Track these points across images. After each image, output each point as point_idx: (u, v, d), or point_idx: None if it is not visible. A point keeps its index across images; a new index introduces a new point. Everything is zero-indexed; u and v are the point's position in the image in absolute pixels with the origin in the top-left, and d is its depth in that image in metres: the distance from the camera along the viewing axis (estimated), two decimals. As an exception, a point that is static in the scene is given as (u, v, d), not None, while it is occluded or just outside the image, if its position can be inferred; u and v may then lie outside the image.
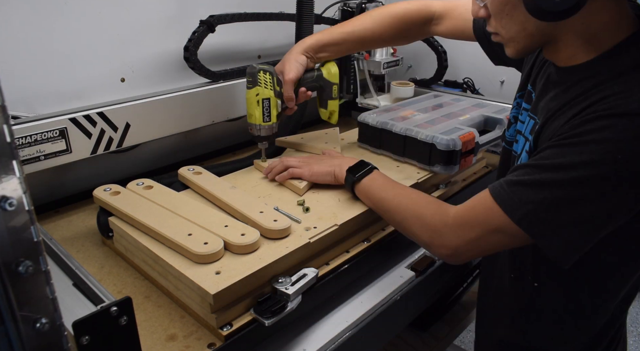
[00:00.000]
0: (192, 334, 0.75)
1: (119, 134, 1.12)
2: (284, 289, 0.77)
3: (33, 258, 0.38)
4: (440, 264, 1.00)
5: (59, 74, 1.13)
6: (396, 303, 0.91)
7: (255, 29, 1.47)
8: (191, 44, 1.23)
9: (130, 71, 1.25)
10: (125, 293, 0.84)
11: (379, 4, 1.50)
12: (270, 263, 0.78)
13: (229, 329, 0.73)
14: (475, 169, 1.29)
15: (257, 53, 1.52)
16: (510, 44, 0.78)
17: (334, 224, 0.89)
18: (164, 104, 1.19)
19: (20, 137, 0.95)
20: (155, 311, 0.80)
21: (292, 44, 1.32)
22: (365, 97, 1.59)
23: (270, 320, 0.73)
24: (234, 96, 1.34)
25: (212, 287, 0.72)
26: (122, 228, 0.88)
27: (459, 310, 1.38)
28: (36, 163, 0.99)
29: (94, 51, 1.17)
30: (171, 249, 0.81)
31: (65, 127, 1.02)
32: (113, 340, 0.55)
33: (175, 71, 1.32)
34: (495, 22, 0.77)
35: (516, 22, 0.75)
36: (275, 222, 0.85)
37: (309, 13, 1.27)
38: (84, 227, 1.06)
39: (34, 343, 0.40)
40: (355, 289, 0.92)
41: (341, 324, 0.83)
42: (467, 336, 2.25)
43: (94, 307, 0.61)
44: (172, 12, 1.29)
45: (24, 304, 0.39)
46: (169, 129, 1.23)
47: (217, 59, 1.40)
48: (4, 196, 0.36)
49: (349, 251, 0.93)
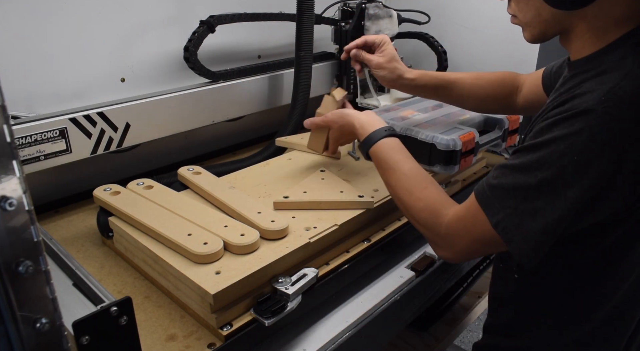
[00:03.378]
0: (192, 334, 0.75)
1: (119, 134, 1.12)
2: (284, 289, 0.77)
3: (33, 258, 0.38)
4: (440, 264, 1.00)
5: (59, 74, 1.13)
6: (396, 303, 0.91)
7: (255, 29, 1.47)
8: (191, 44, 1.23)
9: (130, 71, 1.25)
10: (125, 293, 0.84)
11: (379, 4, 1.50)
12: (270, 263, 0.78)
13: (229, 329, 0.73)
14: (475, 169, 1.29)
15: (257, 53, 1.52)
16: (527, 29, 0.80)
17: (334, 224, 0.89)
18: (164, 104, 1.19)
19: (20, 137, 0.95)
20: (155, 311, 0.80)
21: (292, 44, 1.32)
22: (365, 97, 1.59)
23: (270, 320, 0.73)
24: (234, 96, 1.34)
25: (212, 287, 0.72)
26: (122, 228, 0.88)
27: (459, 310, 1.39)
28: (36, 163, 0.99)
29: (94, 51, 1.17)
30: (171, 249, 0.81)
31: (65, 127, 1.02)
32: (113, 340, 0.55)
33: (175, 71, 1.32)
34: (515, 4, 0.80)
35: (532, 8, 0.77)
36: (273, 223, 0.85)
37: (309, 13, 1.27)
38: (84, 227, 1.06)
39: (34, 343, 0.40)
40: (355, 289, 0.92)
41: (341, 324, 0.83)
42: (467, 336, 2.25)
43: (94, 307, 0.61)
44: (172, 12, 1.29)
45: (24, 304, 0.39)
46: (169, 129, 1.23)
47: (217, 59, 1.40)
48: (3, 196, 0.36)
49: (349, 251, 0.93)
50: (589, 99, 0.65)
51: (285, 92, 1.47)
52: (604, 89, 0.65)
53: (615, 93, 0.64)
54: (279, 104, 1.47)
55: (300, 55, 1.32)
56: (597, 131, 0.63)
